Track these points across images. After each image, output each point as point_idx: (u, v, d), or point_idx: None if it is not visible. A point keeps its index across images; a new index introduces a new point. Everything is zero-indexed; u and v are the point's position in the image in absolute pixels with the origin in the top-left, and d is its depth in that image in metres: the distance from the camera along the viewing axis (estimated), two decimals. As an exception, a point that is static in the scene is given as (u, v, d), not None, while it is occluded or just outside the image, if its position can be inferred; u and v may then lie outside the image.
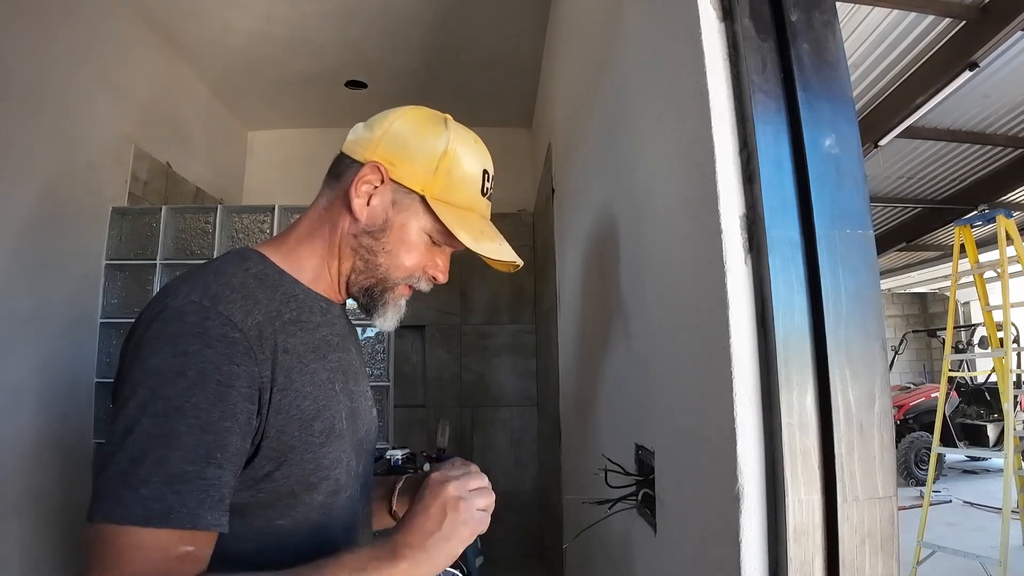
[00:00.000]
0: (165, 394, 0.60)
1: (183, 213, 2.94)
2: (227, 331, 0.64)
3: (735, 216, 0.80)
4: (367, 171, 0.78)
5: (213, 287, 0.68)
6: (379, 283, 0.81)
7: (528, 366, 4.18)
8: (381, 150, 0.79)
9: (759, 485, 0.75)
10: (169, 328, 0.63)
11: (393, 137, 0.79)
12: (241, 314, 0.66)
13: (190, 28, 3.21)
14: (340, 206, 0.80)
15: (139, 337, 0.64)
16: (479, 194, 0.84)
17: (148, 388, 0.60)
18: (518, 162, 4.47)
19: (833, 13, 0.83)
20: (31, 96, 2.38)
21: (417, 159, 0.78)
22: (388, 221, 0.79)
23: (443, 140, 0.80)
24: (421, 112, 0.83)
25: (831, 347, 0.73)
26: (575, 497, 2.17)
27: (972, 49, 2.77)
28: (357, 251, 0.80)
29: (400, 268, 0.80)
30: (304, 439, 0.70)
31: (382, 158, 0.78)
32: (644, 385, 1.22)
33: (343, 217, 0.80)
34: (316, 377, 0.73)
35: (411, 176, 0.78)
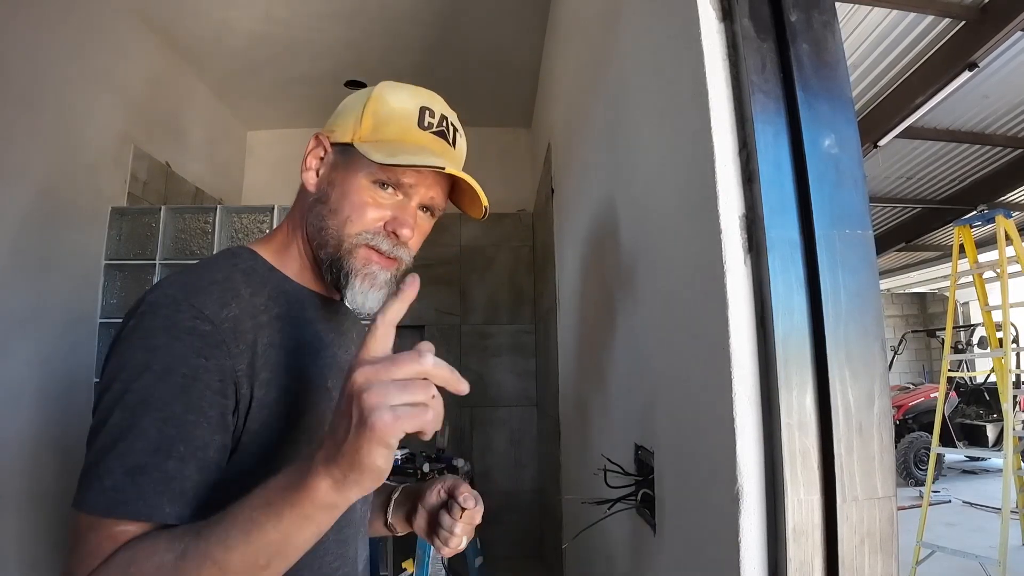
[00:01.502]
0: (134, 387, 0.60)
1: (182, 213, 2.94)
2: (197, 324, 0.63)
3: (735, 216, 0.80)
4: (311, 144, 0.78)
5: (193, 281, 0.67)
6: (335, 251, 0.74)
7: (527, 366, 4.18)
8: (327, 125, 0.80)
9: (758, 485, 0.75)
10: (143, 322, 0.63)
11: (343, 110, 0.80)
12: (216, 306, 0.65)
13: (190, 28, 3.21)
14: (302, 191, 0.80)
15: (119, 332, 0.65)
16: (415, 126, 0.77)
17: (121, 382, 0.60)
18: (518, 162, 4.47)
19: (832, 13, 0.83)
20: (30, 96, 2.38)
21: (347, 115, 0.78)
22: (331, 182, 0.76)
23: (369, 91, 0.79)
24: (373, 88, 0.81)
25: (830, 347, 0.73)
26: (575, 497, 2.17)
27: (971, 49, 2.77)
28: (312, 223, 0.76)
29: (346, 224, 0.74)
30: (292, 436, 0.68)
31: (326, 129, 0.79)
32: (644, 385, 1.22)
33: (305, 198, 0.79)
34: (304, 373, 0.72)
35: (343, 132, 0.76)
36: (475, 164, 3.69)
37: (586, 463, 1.89)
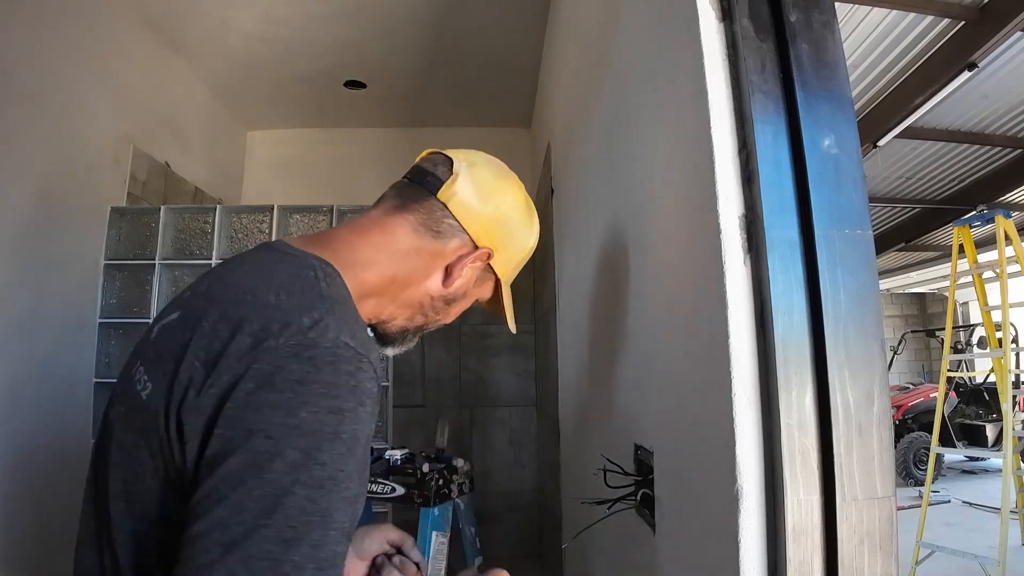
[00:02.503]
0: (321, 460, 0.49)
1: (182, 213, 2.94)
2: (374, 386, 0.56)
3: (734, 216, 0.80)
4: (483, 256, 0.78)
5: (355, 325, 0.59)
6: (421, 328, 0.81)
7: (527, 366, 4.18)
8: (494, 236, 0.78)
9: (758, 485, 0.75)
10: (322, 375, 0.52)
11: (505, 223, 0.79)
12: (378, 365, 0.58)
13: (189, 28, 3.21)
14: (434, 267, 0.76)
15: (273, 374, 0.51)
16: None
17: (299, 450, 0.49)
18: (517, 162, 4.44)
19: (832, 13, 0.83)
20: (30, 96, 2.38)
21: (514, 252, 0.83)
22: (467, 293, 0.81)
23: (534, 237, 0.85)
24: (524, 195, 0.85)
25: (830, 347, 0.73)
26: (574, 497, 2.17)
27: (971, 49, 2.77)
28: (424, 308, 0.78)
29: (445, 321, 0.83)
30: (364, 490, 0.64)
31: (491, 243, 0.78)
32: (643, 385, 1.22)
33: (432, 278, 0.76)
34: None
35: (502, 264, 0.82)
36: (475, 164, 3.59)
37: (586, 463, 1.89)
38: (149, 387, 0.56)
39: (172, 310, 0.63)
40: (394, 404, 2.82)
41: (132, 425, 0.57)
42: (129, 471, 0.56)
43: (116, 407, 0.62)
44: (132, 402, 0.58)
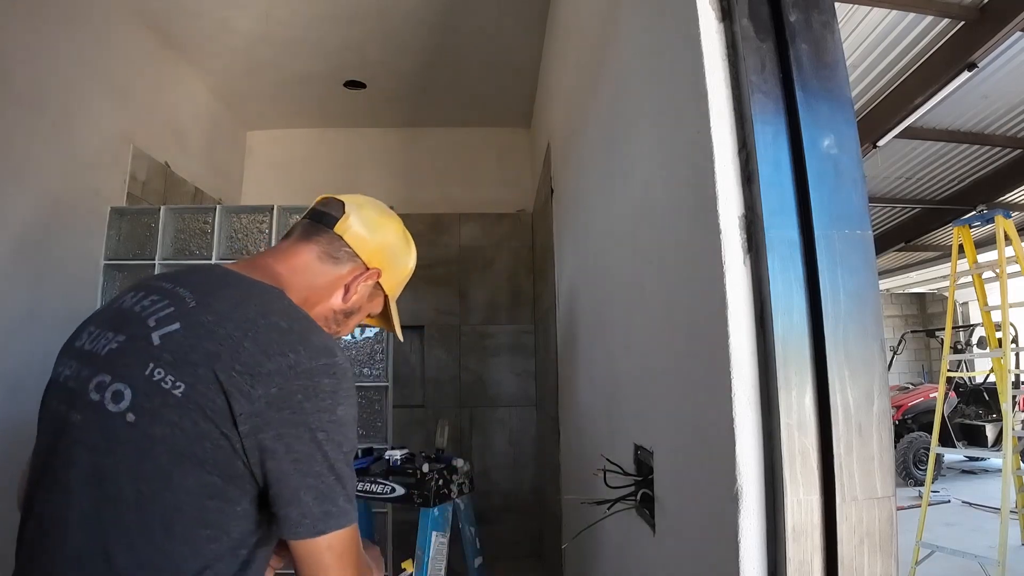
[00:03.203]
0: (350, 438, 0.77)
1: (182, 213, 2.94)
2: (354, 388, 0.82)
3: (734, 216, 0.80)
4: (373, 275, 0.97)
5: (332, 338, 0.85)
6: None
7: (527, 366, 4.18)
8: (381, 258, 0.98)
9: (758, 485, 0.75)
10: (342, 384, 0.77)
11: (389, 249, 1.00)
12: None
13: (189, 28, 3.21)
14: (336, 286, 0.95)
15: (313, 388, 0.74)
16: None
17: (344, 435, 0.76)
18: (517, 162, 4.47)
19: (832, 13, 0.83)
20: (30, 96, 2.38)
21: (397, 271, 1.03)
22: (361, 307, 1.00)
23: (412, 261, 1.07)
24: (403, 228, 1.06)
25: (830, 347, 0.73)
26: (574, 497, 2.17)
27: (971, 49, 2.77)
28: (328, 322, 0.95)
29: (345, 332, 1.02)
30: None
31: (380, 264, 0.98)
32: (643, 385, 1.22)
33: (335, 296, 0.95)
34: None
35: (389, 282, 1.02)
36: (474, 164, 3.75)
37: (585, 463, 1.89)
38: (182, 386, 0.69)
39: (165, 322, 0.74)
40: (394, 404, 2.82)
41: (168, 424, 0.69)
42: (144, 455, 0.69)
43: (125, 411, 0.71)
44: (160, 402, 0.69)
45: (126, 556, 0.67)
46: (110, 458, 0.69)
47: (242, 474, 0.71)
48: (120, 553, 0.67)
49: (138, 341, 0.74)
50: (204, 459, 0.69)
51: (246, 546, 0.74)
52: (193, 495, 0.69)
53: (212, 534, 0.70)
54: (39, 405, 0.83)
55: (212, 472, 0.69)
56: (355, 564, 0.75)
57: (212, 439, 0.69)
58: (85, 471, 0.70)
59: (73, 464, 0.71)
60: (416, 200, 4.31)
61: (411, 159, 4.51)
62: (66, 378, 0.78)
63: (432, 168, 4.47)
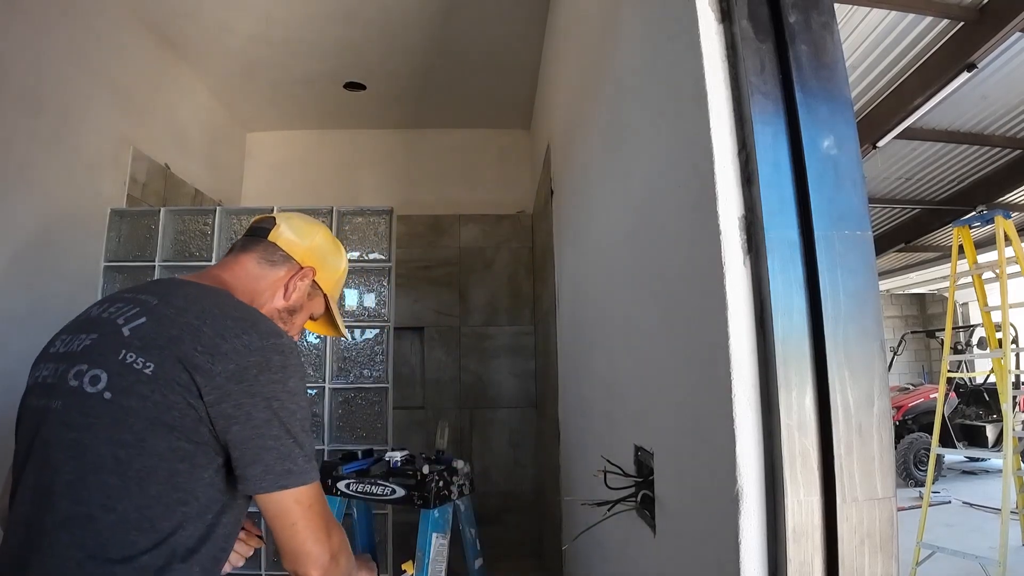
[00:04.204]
0: (303, 406, 0.87)
1: (182, 215, 2.94)
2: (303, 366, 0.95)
3: (734, 217, 0.80)
4: (308, 273, 1.09)
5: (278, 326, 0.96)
6: None
7: (527, 367, 4.17)
8: (314, 258, 1.10)
9: (758, 486, 0.74)
10: (293, 360, 0.87)
11: (319, 250, 1.12)
12: None
13: (188, 30, 3.21)
14: (275, 287, 1.06)
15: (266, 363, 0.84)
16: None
17: (297, 404, 0.86)
18: (517, 163, 4.47)
19: (831, 14, 0.83)
20: (30, 98, 2.38)
21: (331, 270, 1.15)
22: (303, 305, 1.10)
23: (344, 262, 1.20)
24: (330, 233, 1.19)
25: (830, 348, 0.73)
26: (574, 498, 2.17)
27: (970, 50, 2.78)
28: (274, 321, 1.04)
29: (293, 331, 1.12)
30: None
31: (314, 264, 1.10)
32: (643, 386, 1.22)
33: (277, 294, 1.06)
34: None
35: (325, 281, 1.14)
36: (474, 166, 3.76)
37: (586, 464, 1.89)
38: (151, 366, 0.79)
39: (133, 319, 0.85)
40: (394, 405, 2.81)
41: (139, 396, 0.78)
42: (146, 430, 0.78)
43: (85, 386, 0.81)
44: (132, 379, 0.79)
45: (108, 516, 0.76)
46: (89, 432, 0.78)
47: (208, 441, 0.80)
48: (103, 514, 0.76)
49: (110, 335, 0.84)
50: (174, 425, 0.78)
51: (212, 511, 0.82)
52: (165, 459, 0.78)
53: (182, 497, 0.79)
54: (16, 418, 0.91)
55: (181, 438, 0.78)
56: (322, 515, 0.84)
57: (180, 408, 0.78)
58: (66, 446, 0.79)
59: (56, 443, 0.80)
60: (416, 201, 4.32)
61: (411, 160, 4.51)
62: (44, 378, 0.88)
63: (432, 169, 4.48)
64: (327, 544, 0.83)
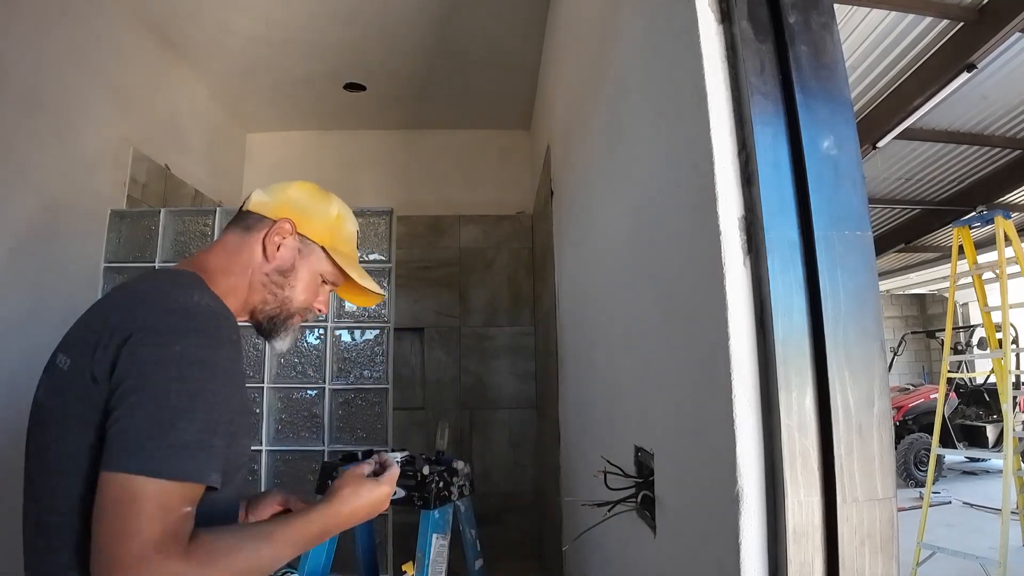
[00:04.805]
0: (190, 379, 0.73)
1: (182, 215, 2.94)
2: (234, 336, 0.82)
3: (734, 217, 0.80)
4: (282, 223, 0.98)
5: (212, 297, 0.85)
6: (282, 312, 1.00)
7: (527, 368, 4.17)
8: (289, 210, 1.00)
9: (758, 486, 0.74)
10: (191, 324, 0.76)
11: (296, 203, 1.01)
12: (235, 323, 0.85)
13: (188, 31, 3.21)
14: (252, 247, 0.98)
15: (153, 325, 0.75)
16: (355, 247, 1.10)
17: (178, 370, 0.72)
18: (517, 164, 4.47)
19: (831, 15, 0.83)
20: (30, 99, 2.38)
21: (317, 219, 1.02)
22: (295, 265, 1.00)
23: (334, 207, 1.05)
24: (310, 185, 1.06)
25: (830, 348, 0.73)
26: (574, 499, 2.17)
27: (970, 50, 2.78)
28: (267, 286, 0.98)
29: (299, 301, 1.01)
30: (243, 428, 0.86)
31: (290, 216, 0.99)
32: (643, 387, 1.22)
33: (255, 257, 0.98)
34: (245, 380, 0.89)
35: (314, 231, 1.01)
36: (474, 166, 3.76)
37: (586, 465, 1.89)
38: (69, 361, 0.78)
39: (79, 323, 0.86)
40: (394, 406, 2.81)
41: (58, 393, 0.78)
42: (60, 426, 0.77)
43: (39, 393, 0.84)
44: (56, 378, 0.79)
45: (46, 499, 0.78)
46: (31, 440, 0.83)
47: None
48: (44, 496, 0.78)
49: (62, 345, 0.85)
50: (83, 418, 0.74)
51: None
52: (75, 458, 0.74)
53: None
54: None
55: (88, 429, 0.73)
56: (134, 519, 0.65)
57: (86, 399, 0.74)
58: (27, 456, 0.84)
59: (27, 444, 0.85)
60: (416, 202, 4.32)
61: (411, 161, 4.51)
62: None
63: (432, 170, 4.48)
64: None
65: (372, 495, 0.90)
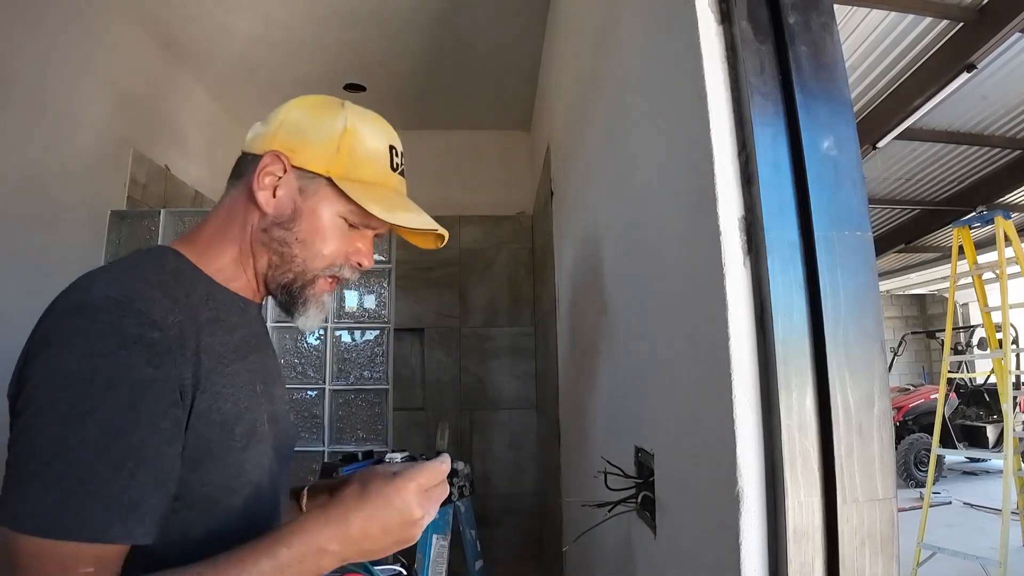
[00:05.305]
0: (75, 399, 0.56)
1: (182, 216, 2.94)
2: (145, 331, 0.60)
3: (734, 218, 0.80)
4: (267, 161, 0.76)
5: (129, 283, 0.64)
6: (297, 277, 0.78)
7: (527, 368, 4.17)
8: (279, 140, 0.77)
9: (759, 487, 0.74)
10: (82, 326, 0.59)
11: (290, 126, 0.78)
12: (161, 312, 0.63)
13: (188, 32, 3.21)
14: (245, 201, 0.78)
15: (46, 334, 0.60)
16: (388, 169, 0.82)
17: (56, 389, 0.56)
18: (517, 165, 4.47)
19: (831, 15, 0.83)
20: (30, 100, 2.38)
21: (317, 142, 0.77)
22: (297, 209, 0.76)
23: (340, 120, 0.78)
24: (315, 98, 0.82)
25: (830, 349, 0.73)
26: (575, 500, 2.17)
27: (970, 51, 2.78)
28: (270, 245, 0.77)
29: (318, 257, 0.78)
30: (225, 443, 0.67)
31: (281, 146, 0.77)
32: (643, 387, 1.22)
33: (250, 212, 0.77)
34: (237, 378, 0.71)
35: (313, 160, 0.76)
36: (474, 167, 3.76)
37: (586, 466, 1.89)
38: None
39: None
40: (394, 407, 2.82)
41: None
42: None
43: None
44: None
45: None
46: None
47: None
48: None
49: None
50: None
51: None
52: None
53: None
54: None
55: None
56: None
57: None
58: None
59: None
60: (416, 202, 4.30)
61: (411, 161, 4.43)
62: None
63: (432, 170, 4.48)
64: None
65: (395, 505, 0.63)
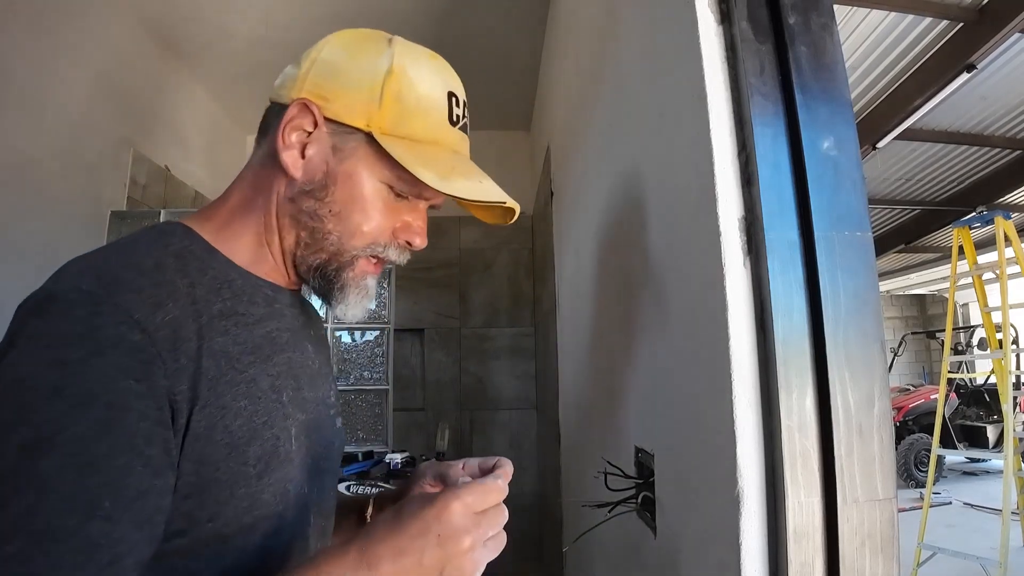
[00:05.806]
0: (34, 419, 0.43)
1: (182, 217, 2.94)
2: (124, 331, 0.48)
3: (734, 218, 0.80)
4: (293, 112, 0.60)
5: (114, 269, 0.52)
6: (332, 258, 0.63)
7: (527, 369, 4.17)
8: (310, 85, 0.61)
9: (759, 487, 0.74)
10: (48, 325, 0.47)
11: (323, 66, 0.62)
12: (148, 308, 0.50)
13: (188, 32, 3.21)
14: (271, 165, 0.62)
15: (12, 332, 0.49)
16: (446, 123, 0.66)
17: (12, 409, 0.44)
18: (517, 165, 4.47)
19: (831, 16, 0.83)
20: (29, 100, 2.38)
21: (354, 87, 0.61)
22: (330, 173, 0.61)
23: (385, 58, 0.63)
24: (356, 32, 0.67)
25: (830, 349, 0.73)
26: (575, 500, 2.17)
27: (970, 51, 2.78)
28: (298, 219, 0.62)
29: (356, 235, 0.62)
30: (236, 469, 0.53)
31: (311, 94, 0.61)
32: (643, 387, 1.22)
33: (276, 178, 0.62)
34: (254, 387, 0.57)
35: (350, 110, 0.60)
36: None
37: (586, 466, 1.89)
38: None
39: None
40: (394, 407, 2.82)
41: None
42: None
43: None
44: None
45: None
46: None
47: None
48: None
49: None
50: None
51: None
52: None
53: None
54: None
55: None
56: None
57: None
58: None
59: None
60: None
61: (411, 162, 4.50)
62: None
63: (432, 171, 4.47)
64: None
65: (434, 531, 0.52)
